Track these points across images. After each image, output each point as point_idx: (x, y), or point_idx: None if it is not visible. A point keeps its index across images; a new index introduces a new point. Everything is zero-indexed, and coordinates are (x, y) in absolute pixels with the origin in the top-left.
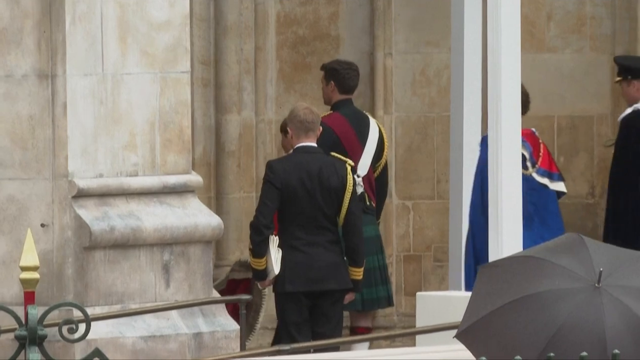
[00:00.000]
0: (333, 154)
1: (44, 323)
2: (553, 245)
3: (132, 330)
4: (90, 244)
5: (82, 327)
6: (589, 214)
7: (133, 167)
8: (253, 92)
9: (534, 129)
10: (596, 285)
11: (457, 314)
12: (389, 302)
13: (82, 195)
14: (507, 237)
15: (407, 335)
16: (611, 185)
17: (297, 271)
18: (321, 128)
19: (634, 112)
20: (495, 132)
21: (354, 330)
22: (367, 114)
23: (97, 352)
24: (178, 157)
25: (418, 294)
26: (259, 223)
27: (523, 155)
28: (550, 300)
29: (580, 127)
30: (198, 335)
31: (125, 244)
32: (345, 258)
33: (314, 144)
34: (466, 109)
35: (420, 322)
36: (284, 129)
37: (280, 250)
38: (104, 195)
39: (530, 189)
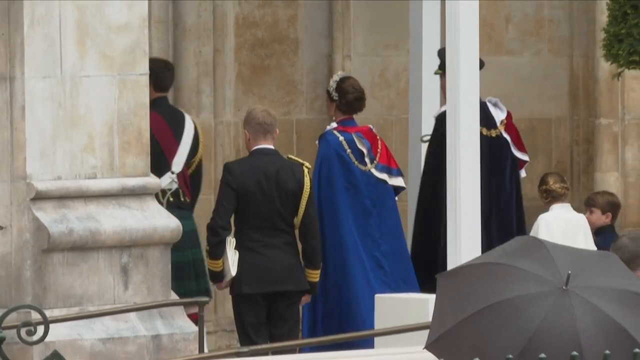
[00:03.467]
0: (290, 156)
1: (2, 325)
2: (512, 249)
3: (91, 332)
4: (49, 247)
5: (40, 329)
6: None
7: (92, 169)
8: (212, 95)
9: (371, 126)
10: (564, 287)
11: (415, 316)
12: (207, 294)
13: (40, 197)
14: (465, 242)
15: (365, 337)
16: (423, 181)
17: (253, 273)
18: (277, 130)
19: None
20: (454, 134)
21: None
22: (182, 111)
23: (56, 355)
24: (137, 160)
25: (377, 295)
26: (215, 225)
27: (362, 152)
28: (522, 306)
29: (538, 129)
30: (156, 338)
31: (84, 247)
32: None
33: (272, 146)
34: (425, 111)
35: (379, 324)
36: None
37: (237, 252)
38: (63, 197)
39: (369, 184)
